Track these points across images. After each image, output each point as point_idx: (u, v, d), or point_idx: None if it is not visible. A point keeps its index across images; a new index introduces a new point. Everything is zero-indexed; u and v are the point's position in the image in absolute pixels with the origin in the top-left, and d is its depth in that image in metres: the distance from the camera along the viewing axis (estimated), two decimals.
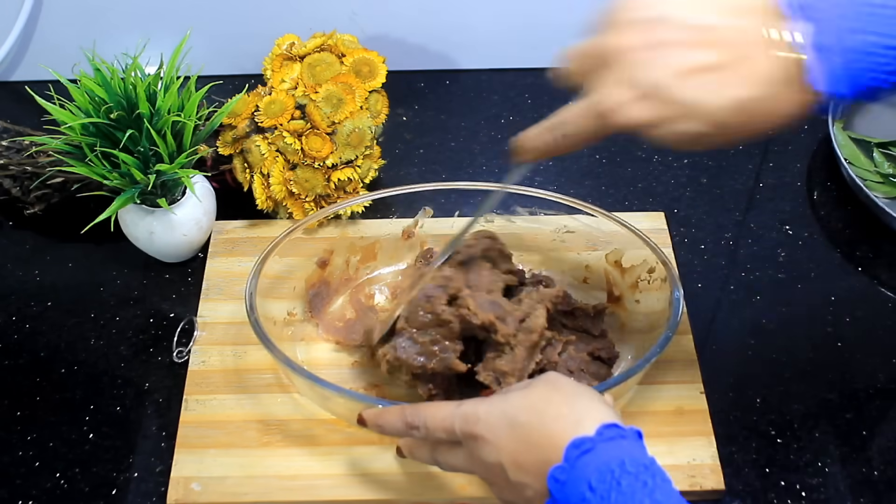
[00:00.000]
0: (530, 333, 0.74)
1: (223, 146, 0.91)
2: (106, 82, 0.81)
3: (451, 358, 0.74)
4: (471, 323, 0.74)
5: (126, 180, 0.82)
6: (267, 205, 0.91)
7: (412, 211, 0.91)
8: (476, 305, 0.74)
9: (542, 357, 0.76)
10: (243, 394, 0.80)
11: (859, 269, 0.91)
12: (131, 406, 0.81)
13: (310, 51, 0.91)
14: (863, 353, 0.84)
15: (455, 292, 0.76)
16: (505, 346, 0.74)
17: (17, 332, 0.86)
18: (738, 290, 0.89)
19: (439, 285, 0.76)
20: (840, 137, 0.99)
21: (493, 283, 0.78)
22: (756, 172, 1.01)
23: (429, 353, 0.74)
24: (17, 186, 0.93)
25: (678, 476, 0.74)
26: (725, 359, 0.84)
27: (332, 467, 0.75)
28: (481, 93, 1.10)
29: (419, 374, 0.75)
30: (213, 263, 0.90)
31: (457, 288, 0.76)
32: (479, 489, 0.74)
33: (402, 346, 0.75)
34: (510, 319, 0.75)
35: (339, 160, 0.90)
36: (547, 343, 0.76)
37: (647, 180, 0.99)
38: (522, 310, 0.76)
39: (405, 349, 0.75)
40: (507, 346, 0.74)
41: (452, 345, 0.75)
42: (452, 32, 1.09)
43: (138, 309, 0.88)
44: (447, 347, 0.74)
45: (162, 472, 0.76)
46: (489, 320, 0.73)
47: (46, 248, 0.93)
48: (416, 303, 0.76)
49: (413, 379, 0.75)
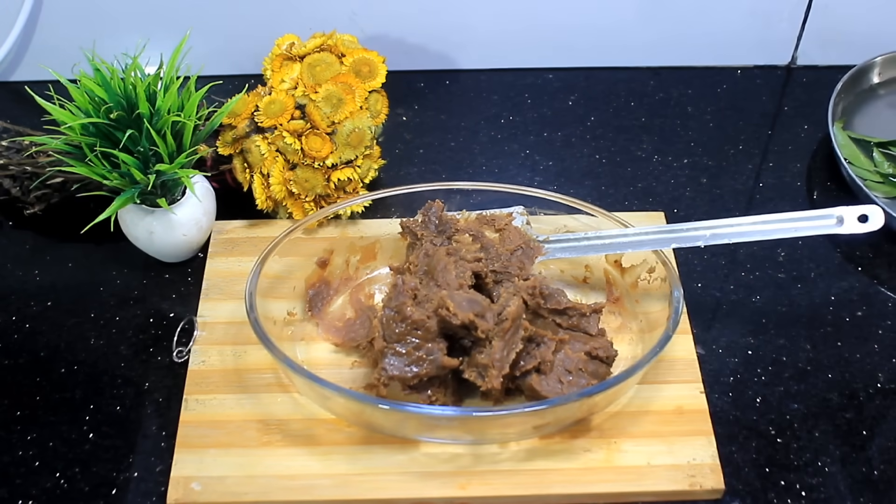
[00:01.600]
0: (503, 322, 0.74)
1: (223, 146, 0.91)
2: (106, 82, 0.81)
3: (439, 357, 0.74)
4: (450, 322, 0.74)
5: (126, 180, 0.82)
6: (267, 205, 0.91)
7: (412, 211, 0.91)
8: (455, 306, 0.74)
9: (536, 354, 0.76)
10: (243, 394, 0.80)
11: (859, 269, 0.91)
12: (131, 406, 0.81)
13: (310, 51, 0.92)
14: (863, 353, 0.84)
15: (415, 291, 0.76)
16: (485, 341, 0.74)
17: (17, 332, 0.86)
18: (738, 290, 0.89)
19: (400, 293, 0.77)
20: (840, 137, 0.99)
21: (462, 274, 0.78)
22: (756, 172, 1.01)
23: (417, 360, 0.74)
24: (17, 186, 0.93)
25: (678, 476, 0.74)
26: (725, 359, 0.84)
27: (332, 467, 0.75)
28: (481, 93, 1.10)
29: (415, 384, 0.75)
30: (213, 263, 0.90)
31: (414, 288, 0.77)
32: (479, 489, 0.74)
33: (389, 364, 0.74)
34: (489, 315, 0.75)
35: (339, 160, 0.90)
36: (539, 342, 0.76)
37: (647, 180, 1.00)
38: (500, 303, 0.76)
39: (394, 366, 0.74)
40: (486, 340, 0.74)
41: (436, 344, 0.75)
42: (452, 32, 1.09)
43: (138, 309, 0.88)
44: (432, 348, 0.74)
45: (162, 472, 0.76)
46: (469, 319, 0.73)
47: (46, 248, 0.93)
48: (386, 318, 0.76)
49: (411, 391, 0.75)
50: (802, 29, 1.09)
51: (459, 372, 0.75)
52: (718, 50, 1.11)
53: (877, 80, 1.06)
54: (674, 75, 1.11)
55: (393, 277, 0.84)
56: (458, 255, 0.80)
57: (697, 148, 1.03)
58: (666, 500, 0.75)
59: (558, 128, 1.05)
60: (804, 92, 1.09)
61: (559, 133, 1.05)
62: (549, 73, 1.12)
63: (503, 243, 0.85)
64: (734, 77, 1.11)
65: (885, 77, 1.06)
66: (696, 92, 1.09)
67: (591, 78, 1.11)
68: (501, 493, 0.74)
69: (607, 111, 1.07)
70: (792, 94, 1.10)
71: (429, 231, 0.85)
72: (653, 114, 1.07)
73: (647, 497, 0.75)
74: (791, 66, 1.12)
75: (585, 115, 1.07)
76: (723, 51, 1.11)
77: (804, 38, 1.09)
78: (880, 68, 1.06)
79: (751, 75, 1.12)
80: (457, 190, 0.90)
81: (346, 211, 0.91)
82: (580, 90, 1.10)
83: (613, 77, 1.11)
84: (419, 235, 0.84)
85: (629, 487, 0.74)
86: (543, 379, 0.76)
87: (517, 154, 1.03)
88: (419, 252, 0.82)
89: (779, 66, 1.12)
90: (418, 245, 0.84)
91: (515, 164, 1.01)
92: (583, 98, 1.09)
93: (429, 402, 0.75)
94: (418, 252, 0.83)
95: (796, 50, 1.11)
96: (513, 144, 1.04)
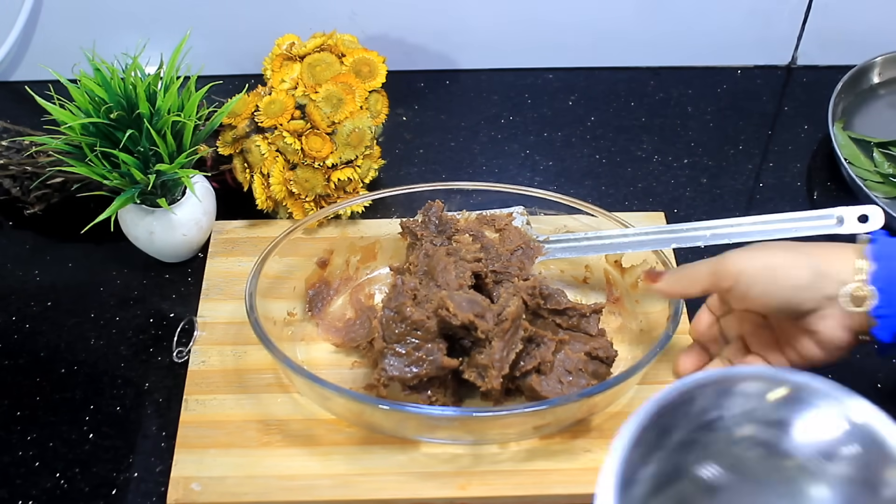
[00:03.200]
0: (503, 322, 0.74)
1: (223, 146, 0.91)
2: (106, 82, 0.81)
3: (439, 357, 0.74)
4: (450, 323, 0.74)
5: (126, 180, 0.82)
6: (267, 205, 0.91)
7: (412, 211, 0.90)
8: (455, 306, 0.73)
9: (536, 355, 0.76)
10: (243, 394, 0.80)
11: None
12: (131, 406, 0.81)
13: (310, 51, 0.91)
14: (863, 353, 0.84)
15: (414, 291, 0.76)
16: (485, 342, 0.74)
17: (17, 332, 0.86)
18: None
19: (400, 293, 0.76)
20: (840, 137, 0.99)
21: (461, 274, 0.78)
22: (756, 172, 1.01)
23: (416, 360, 0.74)
24: (17, 186, 0.93)
25: None
26: None
27: (332, 467, 0.75)
28: (481, 93, 1.10)
29: (415, 385, 0.75)
30: (213, 263, 0.90)
31: (414, 288, 0.77)
32: (479, 489, 0.74)
33: (389, 365, 0.74)
34: (489, 315, 0.75)
35: (339, 160, 0.90)
36: (539, 342, 0.76)
37: (647, 180, 0.99)
38: (500, 304, 0.76)
39: (394, 367, 0.74)
40: (486, 340, 0.74)
41: (436, 344, 0.74)
42: (452, 32, 1.09)
43: (138, 309, 0.88)
44: (432, 349, 0.74)
45: (162, 472, 0.76)
46: (469, 319, 0.73)
47: (46, 248, 0.93)
48: (386, 318, 0.75)
49: (411, 392, 0.75)
50: (802, 29, 1.09)
51: (459, 372, 0.75)
52: (718, 50, 1.11)
53: (877, 80, 1.06)
54: (674, 75, 1.11)
55: (393, 278, 0.84)
56: (457, 256, 0.80)
57: (697, 148, 1.03)
58: None
59: (558, 128, 1.05)
60: (804, 92, 1.09)
61: (559, 133, 1.05)
62: (549, 73, 1.12)
63: (503, 243, 0.85)
64: (734, 77, 1.11)
65: (885, 77, 1.06)
66: (696, 92, 1.09)
67: (591, 78, 1.11)
68: (501, 493, 0.74)
69: (607, 111, 1.07)
70: (792, 94, 1.10)
71: (429, 231, 0.85)
72: (653, 114, 1.07)
73: None
74: (791, 66, 1.12)
75: (585, 115, 1.07)
76: (723, 51, 1.11)
77: (804, 38, 1.09)
78: (880, 68, 1.06)
79: (751, 75, 1.12)
80: (457, 190, 0.90)
81: (346, 211, 0.91)
82: (580, 90, 1.10)
83: (613, 77, 1.11)
84: (419, 236, 0.84)
85: None
86: (543, 379, 0.76)
87: (517, 154, 1.03)
88: (419, 252, 0.82)
89: (779, 66, 1.12)
90: (418, 245, 0.84)
91: (515, 164, 1.01)
92: (583, 98, 1.09)
93: (429, 402, 0.75)
94: (418, 252, 0.83)
95: (796, 50, 1.11)
96: (513, 144, 1.04)
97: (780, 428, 0.58)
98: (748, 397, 0.58)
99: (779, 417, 0.58)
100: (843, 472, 0.56)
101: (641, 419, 0.55)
